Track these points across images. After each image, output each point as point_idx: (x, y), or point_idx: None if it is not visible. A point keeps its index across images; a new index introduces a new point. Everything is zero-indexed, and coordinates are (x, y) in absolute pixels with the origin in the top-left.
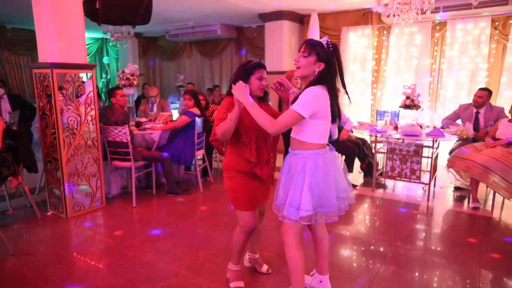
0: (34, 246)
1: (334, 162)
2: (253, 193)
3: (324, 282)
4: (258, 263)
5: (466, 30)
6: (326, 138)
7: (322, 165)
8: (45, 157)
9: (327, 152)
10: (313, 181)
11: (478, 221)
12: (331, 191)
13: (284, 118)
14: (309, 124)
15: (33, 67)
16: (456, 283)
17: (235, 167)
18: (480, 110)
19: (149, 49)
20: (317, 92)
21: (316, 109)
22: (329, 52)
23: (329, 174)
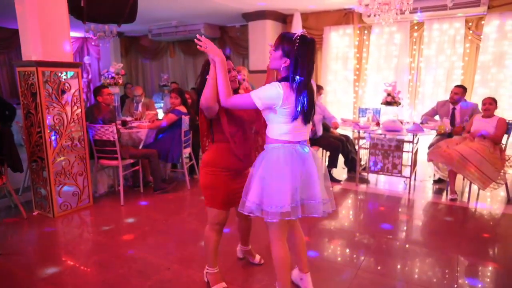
0: (22, 246)
1: (301, 163)
2: (230, 191)
3: (304, 280)
4: (250, 254)
5: (442, 30)
6: (291, 137)
7: (277, 159)
8: (30, 157)
9: (290, 147)
10: (263, 174)
11: (455, 212)
12: (281, 189)
13: (239, 97)
14: (271, 120)
15: (16, 65)
16: (436, 269)
17: (216, 163)
18: (456, 106)
19: (131, 49)
20: (275, 87)
21: (271, 104)
22: (295, 48)
23: (284, 171)
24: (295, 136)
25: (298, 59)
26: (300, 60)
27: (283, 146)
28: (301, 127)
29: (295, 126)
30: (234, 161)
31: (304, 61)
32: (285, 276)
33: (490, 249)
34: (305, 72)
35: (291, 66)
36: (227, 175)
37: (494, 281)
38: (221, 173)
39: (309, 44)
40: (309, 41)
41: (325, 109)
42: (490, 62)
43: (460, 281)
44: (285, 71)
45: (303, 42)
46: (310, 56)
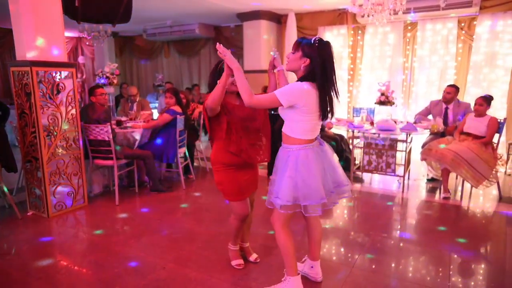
0: (17, 246)
1: (322, 156)
2: (239, 183)
3: (315, 268)
4: (247, 252)
5: (435, 31)
6: (312, 134)
7: (304, 160)
8: (24, 157)
9: (312, 147)
10: (293, 174)
11: (448, 210)
12: (315, 185)
13: (263, 97)
14: (294, 119)
15: (11, 65)
16: (429, 267)
17: (220, 160)
18: (449, 106)
19: (125, 49)
20: (300, 87)
21: (296, 102)
22: (315, 48)
23: (312, 169)
24: (313, 134)
25: (319, 58)
26: (322, 60)
27: (305, 146)
28: (318, 124)
29: (314, 124)
30: (230, 157)
31: (326, 61)
32: (292, 261)
33: (482, 247)
34: (329, 71)
35: (312, 65)
36: (230, 170)
37: (487, 278)
38: (224, 169)
39: (326, 45)
40: (326, 42)
41: None
42: (482, 62)
43: (453, 278)
44: (305, 70)
45: (322, 43)
46: (330, 55)
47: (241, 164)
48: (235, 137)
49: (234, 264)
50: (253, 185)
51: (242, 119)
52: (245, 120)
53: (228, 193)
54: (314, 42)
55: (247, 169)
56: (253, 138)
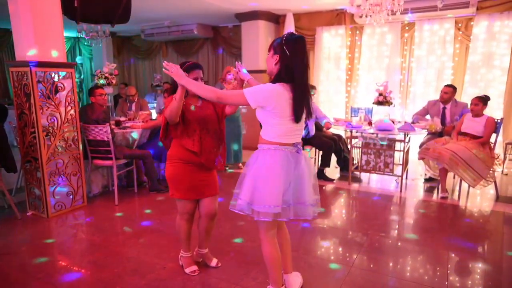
0: (16, 246)
1: (293, 165)
2: (192, 182)
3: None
4: (207, 257)
5: (432, 31)
6: (287, 139)
7: (270, 161)
8: (24, 157)
9: (283, 150)
10: (256, 174)
11: (446, 209)
12: (271, 190)
13: (231, 92)
14: (268, 122)
15: (10, 65)
16: (427, 266)
17: (178, 156)
18: (446, 106)
19: (123, 49)
20: (269, 88)
21: (264, 104)
22: (282, 44)
23: (275, 172)
24: (289, 138)
25: (287, 53)
26: (289, 55)
27: (278, 148)
28: (295, 128)
29: (289, 128)
30: (189, 155)
31: (294, 56)
32: (276, 273)
33: (480, 246)
34: (298, 68)
35: (281, 61)
36: (187, 167)
37: (484, 277)
38: (181, 165)
39: (296, 39)
40: (296, 36)
41: (317, 109)
42: (479, 62)
43: (451, 277)
44: (277, 69)
45: (289, 37)
46: (299, 51)
47: (197, 164)
48: (197, 137)
49: (189, 272)
50: (208, 188)
51: (203, 120)
52: (206, 121)
53: (178, 189)
54: (282, 36)
55: (204, 171)
56: (213, 143)
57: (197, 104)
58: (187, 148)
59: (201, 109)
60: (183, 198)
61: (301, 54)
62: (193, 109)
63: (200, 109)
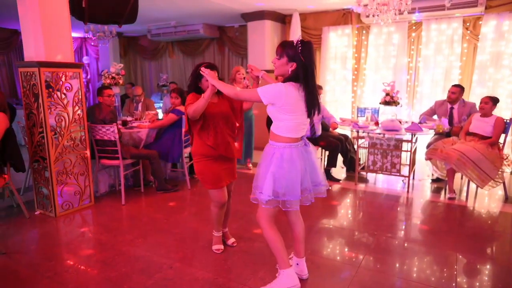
0: (25, 245)
1: (306, 156)
2: (217, 173)
3: (300, 265)
4: (226, 236)
5: (440, 30)
6: (296, 133)
7: (288, 157)
8: (32, 157)
9: (297, 147)
10: (276, 170)
11: (454, 210)
12: (295, 183)
13: (247, 90)
14: (279, 118)
15: (19, 66)
16: (435, 268)
17: (200, 152)
18: (454, 106)
19: (130, 49)
20: (280, 87)
21: (275, 101)
22: (298, 52)
23: (295, 167)
24: (297, 133)
25: (304, 61)
26: (305, 61)
27: (291, 145)
28: (303, 123)
29: (297, 123)
30: (209, 149)
31: (309, 62)
32: (283, 254)
33: (488, 247)
34: (311, 71)
35: (298, 68)
36: (208, 160)
37: (492, 279)
38: (203, 160)
39: (309, 46)
40: (308, 43)
41: (324, 109)
42: (487, 62)
43: (459, 279)
44: (292, 73)
45: (304, 45)
46: (312, 56)
47: (218, 156)
48: (212, 132)
49: (214, 249)
50: (230, 176)
51: (219, 115)
52: (222, 117)
53: (207, 182)
54: (297, 45)
55: (225, 161)
56: (229, 135)
57: (214, 101)
58: (205, 142)
59: (217, 105)
60: (216, 188)
61: (313, 59)
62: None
63: (216, 105)
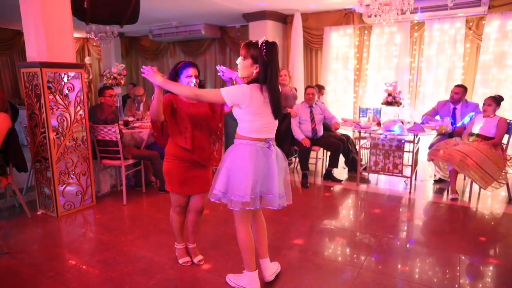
0: (27, 245)
1: (264, 159)
2: (184, 177)
3: (262, 266)
4: (193, 253)
5: (442, 30)
6: (260, 134)
7: (241, 154)
8: (34, 157)
9: (254, 145)
10: (229, 166)
11: (456, 211)
12: (240, 181)
13: (208, 90)
14: (244, 120)
15: (21, 66)
16: (437, 269)
17: (173, 153)
18: (457, 106)
19: (131, 49)
20: (245, 89)
21: (239, 103)
22: (262, 53)
23: (245, 165)
24: (261, 134)
25: (267, 62)
26: (268, 63)
27: (250, 142)
28: (268, 125)
29: (261, 124)
30: (183, 152)
31: (272, 63)
32: (249, 256)
33: (491, 249)
34: (275, 72)
35: (261, 70)
36: (182, 164)
37: (495, 281)
38: (175, 161)
39: (274, 47)
40: (272, 44)
41: (325, 109)
42: (491, 62)
43: (462, 280)
44: (256, 75)
45: (268, 46)
46: (276, 57)
47: (191, 161)
48: (189, 134)
49: (182, 262)
50: (202, 185)
51: (196, 117)
52: (200, 119)
53: (173, 184)
54: (261, 47)
55: (198, 167)
56: (206, 140)
57: (192, 101)
58: (180, 145)
59: (195, 106)
60: (176, 192)
61: (276, 60)
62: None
63: (194, 106)
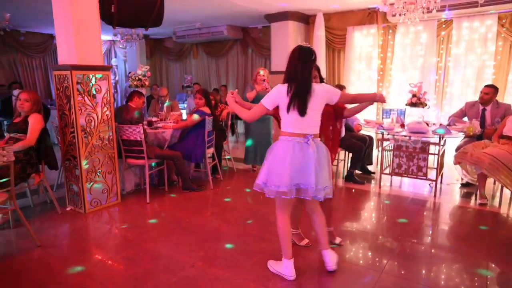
0: (57, 239)
1: (301, 154)
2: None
3: (324, 256)
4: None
5: (472, 28)
6: (293, 128)
7: (278, 148)
8: (64, 155)
9: (291, 141)
10: (269, 159)
11: (485, 217)
12: (278, 173)
13: (254, 109)
14: (281, 115)
15: (53, 69)
16: (464, 276)
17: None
18: (486, 107)
19: (156, 50)
20: (277, 88)
21: (276, 101)
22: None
23: (285, 159)
24: (298, 129)
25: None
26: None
27: (287, 138)
28: (302, 121)
29: (294, 119)
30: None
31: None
32: (286, 244)
33: None
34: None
35: (286, 71)
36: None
37: None
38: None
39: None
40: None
41: None
42: None
43: None
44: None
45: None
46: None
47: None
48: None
49: (303, 244)
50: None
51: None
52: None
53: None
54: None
55: None
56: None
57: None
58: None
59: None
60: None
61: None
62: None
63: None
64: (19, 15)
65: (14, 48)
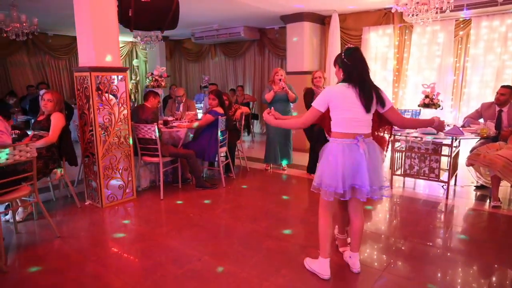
0: (76, 231)
1: (353, 154)
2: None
3: (352, 258)
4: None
5: (491, 28)
6: (344, 128)
7: (330, 150)
8: (83, 152)
9: (341, 142)
10: (323, 161)
11: (498, 220)
12: (331, 174)
13: (307, 114)
14: (332, 116)
15: (75, 70)
16: (481, 281)
17: None
18: (503, 108)
19: (175, 51)
20: (326, 89)
21: (327, 101)
22: (342, 59)
23: (336, 161)
24: (348, 128)
25: (347, 65)
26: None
27: (337, 140)
28: (356, 119)
29: (350, 118)
30: None
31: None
32: (324, 243)
33: None
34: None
35: (344, 72)
36: None
37: None
38: None
39: (354, 51)
40: (353, 49)
41: None
42: None
43: None
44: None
45: (347, 52)
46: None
47: None
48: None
49: (342, 251)
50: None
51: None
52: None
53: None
54: (341, 53)
55: None
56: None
57: None
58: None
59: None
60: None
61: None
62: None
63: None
64: (46, 19)
65: (42, 50)
